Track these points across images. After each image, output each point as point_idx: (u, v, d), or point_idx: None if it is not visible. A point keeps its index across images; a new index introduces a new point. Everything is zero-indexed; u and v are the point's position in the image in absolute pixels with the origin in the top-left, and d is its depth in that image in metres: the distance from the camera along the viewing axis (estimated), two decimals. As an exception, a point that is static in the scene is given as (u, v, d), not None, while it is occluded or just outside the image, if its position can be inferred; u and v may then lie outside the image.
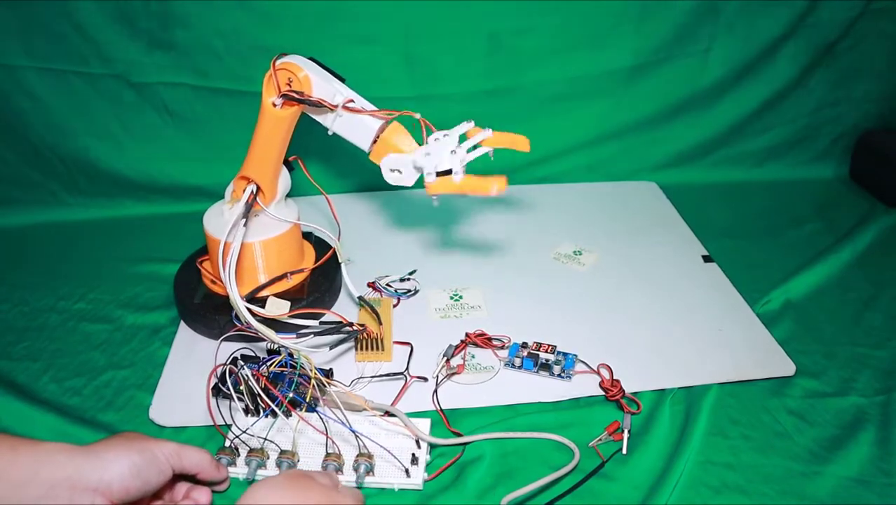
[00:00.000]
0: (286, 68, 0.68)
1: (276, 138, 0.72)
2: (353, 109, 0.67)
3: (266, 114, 0.70)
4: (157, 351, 0.79)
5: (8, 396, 0.71)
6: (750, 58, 1.07)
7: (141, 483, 0.51)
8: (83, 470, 0.49)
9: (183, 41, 0.96)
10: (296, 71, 0.67)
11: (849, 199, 1.11)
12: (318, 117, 0.71)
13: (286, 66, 0.68)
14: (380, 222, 1.03)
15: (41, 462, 0.48)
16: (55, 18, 0.93)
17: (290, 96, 0.68)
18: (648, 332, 0.81)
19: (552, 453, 0.66)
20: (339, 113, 0.67)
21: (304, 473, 0.55)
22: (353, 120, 0.68)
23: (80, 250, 0.99)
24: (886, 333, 0.82)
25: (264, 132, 0.72)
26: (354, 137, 0.70)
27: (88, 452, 0.50)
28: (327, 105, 0.67)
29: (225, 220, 0.77)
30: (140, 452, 0.52)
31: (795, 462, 0.65)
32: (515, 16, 1.00)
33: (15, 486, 0.47)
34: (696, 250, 0.97)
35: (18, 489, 0.47)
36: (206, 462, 0.58)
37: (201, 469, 0.57)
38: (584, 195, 1.11)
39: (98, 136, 1.03)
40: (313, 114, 0.71)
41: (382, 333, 0.76)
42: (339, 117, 0.68)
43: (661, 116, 1.12)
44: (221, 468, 0.60)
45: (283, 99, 0.68)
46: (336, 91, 0.68)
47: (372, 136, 0.68)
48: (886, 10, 1.05)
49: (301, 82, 0.67)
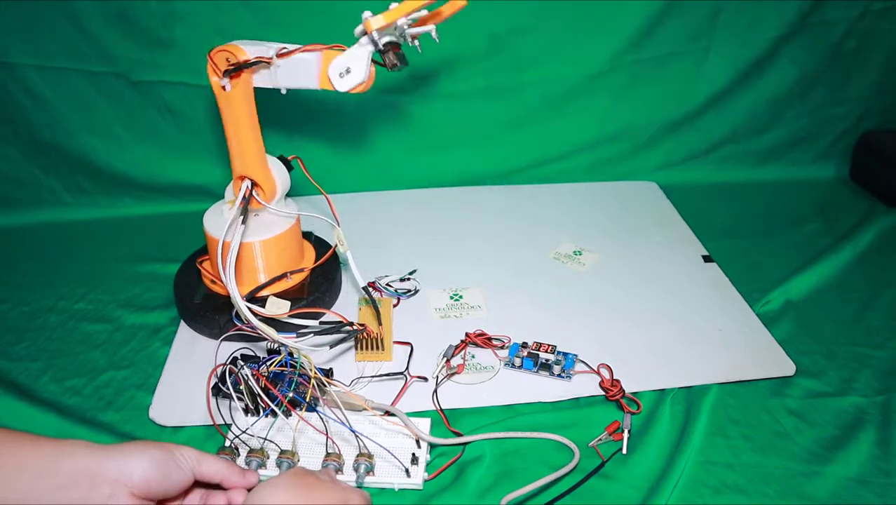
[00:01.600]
0: (221, 50, 0.70)
1: (241, 121, 0.73)
2: (286, 54, 0.69)
3: (221, 100, 0.72)
4: (157, 351, 0.79)
5: (8, 396, 0.71)
6: (750, 57, 1.07)
7: (161, 477, 0.51)
8: (104, 462, 0.49)
9: (184, 40, 0.96)
10: (228, 49, 0.69)
11: (849, 199, 1.11)
12: (267, 83, 0.72)
13: (220, 50, 0.70)
14: (380, 222, 1.03)
15: (63, 454, 0.48)
16: (56, 16, 0.93)
17: (229, 69, 0.69)
18: (648, 332, 0.81)
19: (552, 453, 0.66)
20: (276, 63, 0.69)
21: (308, 471, 0.55)
22: (292, 65, 0.70)
23: (80, 250, 0.99)
24: (886, 333, 0.82)
25: (230, 120, 0.73)
26: (303, 81, 0.71)
27: (109, 447, 0.51)
28: (264, 60, 0.69)
29: (224, 219, 0.77)
30: (160, 449, 0.52)
31: (795, 462, 0.65)
32: (515, 16, 1.00)
33: (36, 476, 0.47)
34: (696, 250, 0.97)
35: (40, 480, 0.47)
36: (227, 469, 0.56)
37: (223, 477, 0.56)
38: (584, 195, 1.11)
39: (99, 135, 1.03)
40: (262, 82, 0.72)
41: (382, 333, 0.76)
42: (278, 68, 0.70)
43: (661, 116, 1.12)
44: (249, 473, 0.59)
45: (226, 74, 0.70)
46: (268, 48, 0.70)
47: (316, 68, 0.69)
48: (886, 10, 1.05)
49: (234, 54, 0.69)
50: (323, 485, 0.53)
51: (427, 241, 0.99)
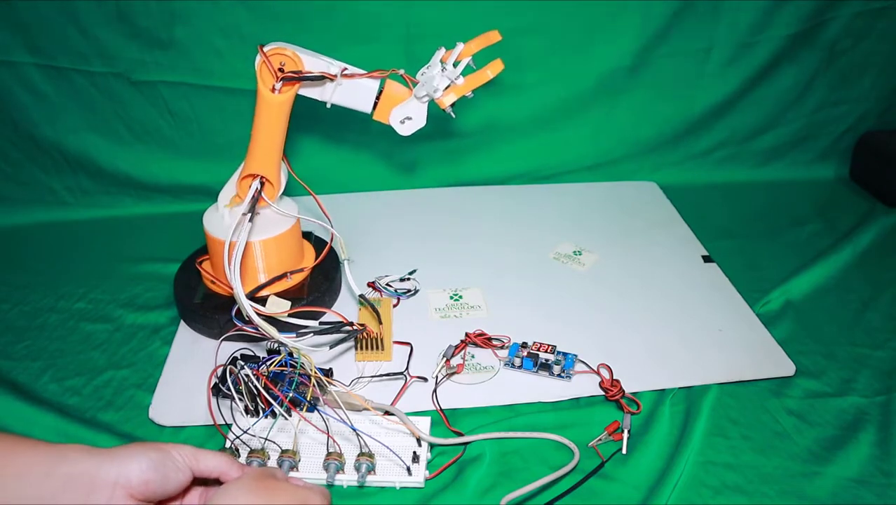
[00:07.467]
0: (277, 53, 0.69)
1: (277, 126, 0.73)
2: (351, 75, 0.70)
3: (265, 102, 0.71)
4: (156, 351, 0.79)
5: (8, 395, 0.71)
6: (750, 58, 1.07)
7: (160, 478, 0.51)
8: (102, 465, 0.49)
9: (184, 40, 0.96)
10: (286, 53, 0.69)
11: (849, 199, 1.11)
12: (313, 94, 0.73)
13: (276, 51, 0.69)
14: (380, 222, 1.03)
15: (61, 458, 0.49)
16: (57, 16, 0.93)
17: (290, 77, 0.69)
18: (648, 332, 0.81)
19: (552, 453, 0.66)
20: (339, 81, 0.70)
21: (270, 472, 0.55)
22: (351, 86, 0.71)
23: (80, 250, 0.99)
24: (886, 334, 0.82)
25: (265, 122, 0.73)
26: (355, 103, 0.73)
27: (107, 450, 0.51)
28: (328, 76, 0.69)
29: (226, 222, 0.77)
30: (157, 450, 0.52)
31: (795, 462, 0.65)
32: (515, 16, 1.00)
33: (35, 480, 0.47)
34: (695, 250, 0.97)
35: (38, 484, 0.47)
36: (226, 464, 0.56)
37: (221, 472, 0.56)
38: (584, 195, 1.11)
39: (99, 135, 1.03)
40: (310, 92, 0.73)
41: (382, 333, 0.76)
42: (338, 86, 0.71)
43: (661, 116, 1.12)
44: (248, 468, 0.59)
45: (284, 81, 0.70)
46: (327, 63, 0.70)
47: (373, 96, 0.72)
48: (886, 9, 1.05)
49: (294, 62, 0.69)
50: (284, 486, 0.54)
51: (427, 241, 0.99)
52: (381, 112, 0.73)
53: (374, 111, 0.74)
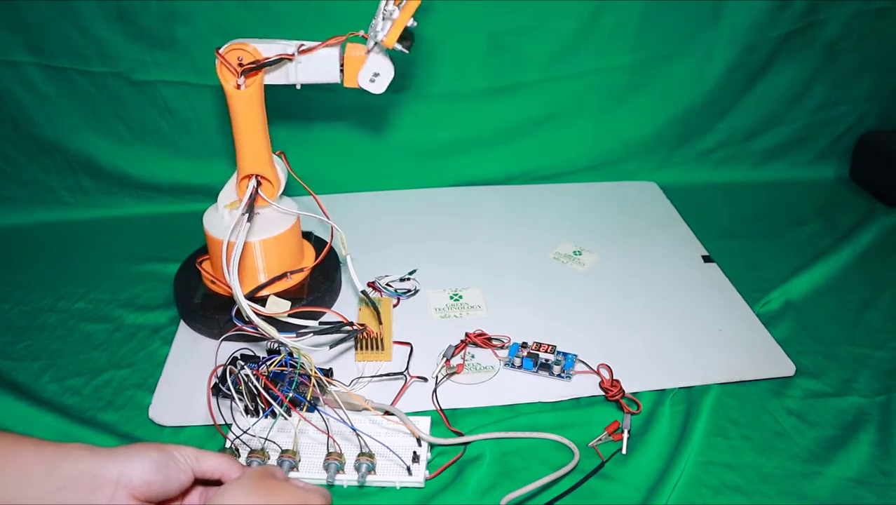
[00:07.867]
0: (232, 49, 0.69)
1: (254, 121, 0.73)
2: (308, 49, 0.70)
3: (234, 100, 0.71)
4: (156, 351, 0.79)
5: (8, 395, 0.71)
6: (750, 58, 1.07)
7: (162, 478, 0.51)
8: (104, 464, 0.49)
9: (184, 39, 0.96)
10: (239, 47, 0.69)
11: (849, 199, 1.11)
12: (279, 79, 0.73)
13: (231, 48, 0.69)
14: (380, 222, 1.03)
15: (63, 457, 0.49)
16: (57, 16, 0.93)
17: (249, 68, 0.69)
18: (648, 332, 0.81)
19: (552, 453, 0.66)
20: (297, 59, 0.70)
21: (269, 472, 0.55)
22: (312, 60, 0.71)
23: (80, 250, 0.99)
24: (886, 334, 0.82)
25: (242, 121, 0.73)
26: (322, 76, 0.72)
27: (110, 449, 0.51)
28: (286, 56, 0.69)
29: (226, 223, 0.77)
30: (159, 450, 0.52)
31: (795, 462, 0.65)
32: (515, 16, 1.00)
33: (37, 479, 0.47)
34: (695, 250, 0.97)
35: (40, 483, 0.47)
36: (228, 465, 0.56)
37: (223, 473, 0.56)
38: (583, 195, 1.11)
39: (99, 134, 1.03)
40: (276, 78, 0.72)
41: (382, 333, 0.76)
42: (299, 64, 0.71)
43: (661, 116, 1.12)
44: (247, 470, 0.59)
45: (244, 74, 0.70)
46: (284, 45, 0.70)
47: (336, 64, 0.72)
48: (886, 10, 1.05)
49: (251, 53, 0.69)
50: (284, 486, 0.53)
51: (427, 241, 0.99)
52: (350, 77, 0.72)
53: (343, 79, 0.73)
